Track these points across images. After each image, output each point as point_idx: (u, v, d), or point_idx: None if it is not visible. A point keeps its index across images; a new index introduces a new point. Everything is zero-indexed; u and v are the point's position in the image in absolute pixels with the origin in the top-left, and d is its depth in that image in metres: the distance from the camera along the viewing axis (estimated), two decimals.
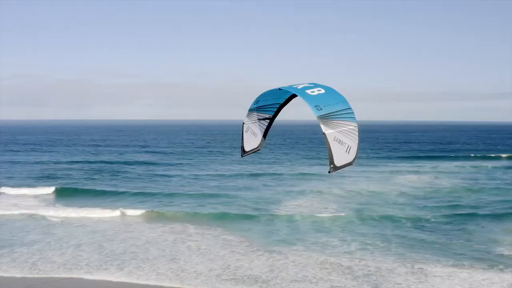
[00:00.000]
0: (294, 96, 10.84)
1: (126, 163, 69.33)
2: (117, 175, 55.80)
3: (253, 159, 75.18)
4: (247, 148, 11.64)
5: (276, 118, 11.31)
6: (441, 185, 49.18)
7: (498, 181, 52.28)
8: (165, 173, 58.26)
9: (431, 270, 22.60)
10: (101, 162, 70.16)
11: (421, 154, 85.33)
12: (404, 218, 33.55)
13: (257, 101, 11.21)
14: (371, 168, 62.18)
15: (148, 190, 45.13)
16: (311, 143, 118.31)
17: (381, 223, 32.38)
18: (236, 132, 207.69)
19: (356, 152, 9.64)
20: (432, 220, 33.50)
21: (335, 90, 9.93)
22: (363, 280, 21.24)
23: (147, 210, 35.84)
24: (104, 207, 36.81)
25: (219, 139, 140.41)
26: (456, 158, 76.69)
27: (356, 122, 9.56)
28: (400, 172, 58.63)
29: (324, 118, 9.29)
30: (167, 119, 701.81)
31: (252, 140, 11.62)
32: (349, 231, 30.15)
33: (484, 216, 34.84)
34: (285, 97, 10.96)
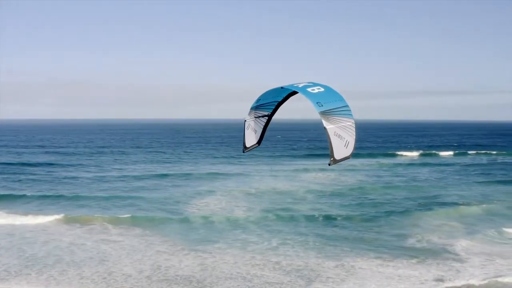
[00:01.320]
0: (292, 94, 11.48)
1: (26, 164, 65.78)
2: (19, 177, 53.09)
3: (157, 159, 74.90)
4: (248, 145, 12.20)
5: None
6: (347, 182, 50.96)
7: (400, 177, 54.98)
8: (70, 174, 56.07)
9: (356, 264, 23.36)
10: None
11: (324, 152, 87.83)
12: (316, 214, 34.43)
13: (258, 99, 11.69)
14: (277, 166, 63.30)
15: (55, 193, 43.04)
16: (219, 143, 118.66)
17: (294, 219, 33.03)
18: (137, 131, 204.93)
19: (354, 147, 10.46)
20: (343, 215, 34.58)
21: (333, 89, 10.68)
22: (295, 275, 21.67)
23: (61, 214, 34.09)
24: (15, 211, 34.93)
25: (119, 138, 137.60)
26: (360, 156, 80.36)
27: (353, 119, 10.37)
28: (306, 170, 59.95)
29: (325, 114, 10.02)
30: (66, 119, 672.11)
31: (252, 137, 12.19)
32: (264, 228, 30.58)
33: (391, 211, 36.44)
34: (283, 95, 11.53)
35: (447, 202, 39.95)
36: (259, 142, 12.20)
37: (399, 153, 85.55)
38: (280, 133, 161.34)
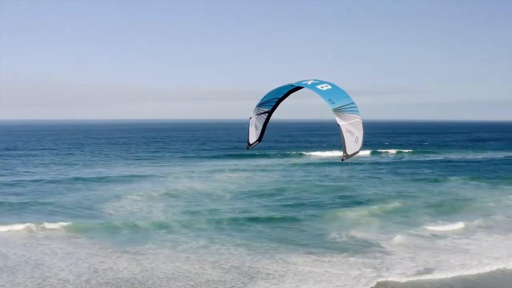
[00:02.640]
0: (292, 91, 12.06)
1: None
2: None
3: (66, 161, 72.58)
4: (251, 141, 12.58)
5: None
6: (262, 181, 52.22)
7: (314, 176, 57.06)
8: None
9: (290, 260, 24.14)
10: None
11: (236, 153, 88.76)
12: (236, 213, 35.34)
13: (263, 97, 12.16)
14: (189, 168, 63.42)
15: None
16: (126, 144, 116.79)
17: (216, 219, 33.52)
18: (43, 132, 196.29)
19: (362, 142, 11.29)
20: (263, 213, 35.66)
21: (338, 86, 11.40)
22: (236, 273, 22.17)
23: None
24: None
25: (22, 140, 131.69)
26: (267, 156, 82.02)
27: (360, 116, 11.20)
28: (220, 170, 60.57)
29: (338, 111, 10.77)
30: None
31: (254, 134, 12.59)
32: (188, 227, 30.85)
33: (309, 208, 37.95)
34: (284, 92, 12.07)
35: (363, 199, 41.80)
36: (259, 138, 12.74)
37: (307, 153, 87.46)
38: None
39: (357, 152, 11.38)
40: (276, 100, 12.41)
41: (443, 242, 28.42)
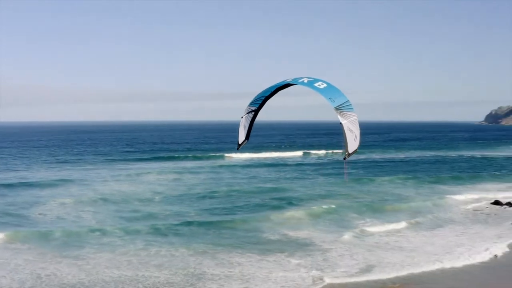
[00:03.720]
0: (280, 88, 12.41)
1: None
2: None
3: None
4: (240, 141, 12.82)
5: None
6: (190, 182, 52.77)
7: (242, 177, 58.19)
8: None
9: (233, 260, 24.76)
10: None
11: (162, 155, 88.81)
12: (168, 215, 35.81)
13: (255, 96, 12.44)
14: (115, 171, 62.95)
15: None
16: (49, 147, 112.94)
17: (149, 221, 33.85)
18: None
19: (360, 140, 11.85)
20: (196, 214, 36.26)
21: (332, 84, 11.86)
22: (183, 274, 22.52)
23: None
24: None
25: None
26: (193, 158, 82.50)
27: (355, 113, 11.69)
28: (147, 172, 60.49)
29: (339, 109, 11.21)
30: None
31: (242, 133, 12.84)
32: (122, 230, 30.74)
33: (242, 209, 38.84)
34: (272, 90, 12.36)
35: (294, 199, 42.80)
36: (247, 137, 13.08)
37: (230, 154, 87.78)
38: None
39: (356, 150, 11.98)
40: (263, 99, 12.73)
41: (378, 240, 29.59)
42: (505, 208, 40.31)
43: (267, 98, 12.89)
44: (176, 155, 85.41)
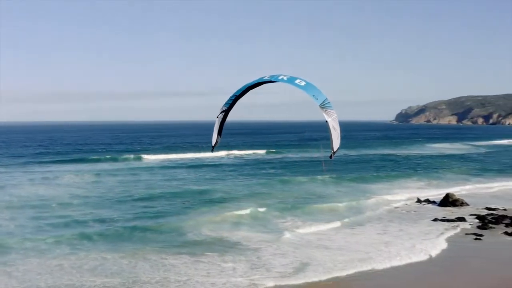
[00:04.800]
0: (250, 88, 12.58)
1: None
2: None
3: None
4: (213, 143, 12.94)
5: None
6: (109, 184, 52.36)
7: (161, 178, 58.40)
8: None
9: (166, 262, 25.03)
10: None
11: (78, 156, 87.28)
12: (89, 218, 35.45)
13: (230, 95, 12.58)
14: (30, 173, 61.36)
15: None
16: None
17: (69, 224, 33.45)
18: None
19: (341, 137, 12.23)
20: (117, 216, 36.04)
21: (309, 82, 12.16)
22: (119, 277, 22.51)
23: None
24: None
25: None
26: (110, 160, 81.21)
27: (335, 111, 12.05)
28: (64, 174, 59.27)
29: (322, 107, 11.54)
30: None
31: (215, 134, 12.98)
32: (45, 235, 30.32)
33: (163, 208, 39.35)
34: (243, 89, 12.49)
35: (217, 200, 43.43)
36: (218, 139, 13.23)
37: (147, 156, 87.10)
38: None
39: (339, 147, 12.47)
40: (234, 98, 13.00)
41: (307, 239, 30.34)
42: (424, 205, 42.47)
43: (238, 97, 13.14)
44: (92, 157, 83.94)
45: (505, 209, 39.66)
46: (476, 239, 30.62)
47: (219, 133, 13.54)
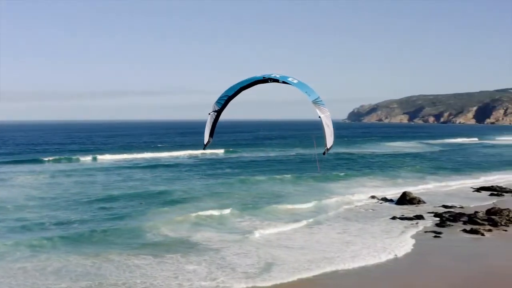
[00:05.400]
0: (243, 88, 12.63)
1: None
2: None
3: None
4: (205, 141, 12.93)
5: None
6: (64, 184, 51.92)
7: (116, 178, 58.18)
8: None
9: (130, 263, 25.19)
10: None
11: (31, 156, 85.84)
12: (49, 220, 35.04)
13: (223, 92, 12.58)
14: None
15: None
16: None
17: (27, 226, 33.28)
18: None
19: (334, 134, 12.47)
20: (74, 218, 35.82)
21: (300, 80, 12.37)
22: (85, 280, 22.56)
23: None
24: None
25: None
26: (62, 159, 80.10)
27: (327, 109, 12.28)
28: (18, 175, 58.56)
29: (315, 103, 11.74)
30: None
31: (207, 133, 12.97)
32: (2, 237, 30.15)
33: (121, 209, 39.42)
34: (236, 88, 12.44)
35: (176, 200, 43.46)
36: (211, 135, 13.25)
37: (101, 156, 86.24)
38: None
39: (332, 145, 12.76)
40: (226, 99, 13.02)
41: (268, 240, 30.69)
42: (381, 203, 43.41)
43: (231, 98, 13.20)
44: (46, 157, 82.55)
45: (462, 207, 40.82)
46: (435, 236, 31.57)
47: (211, 133, 13.63)
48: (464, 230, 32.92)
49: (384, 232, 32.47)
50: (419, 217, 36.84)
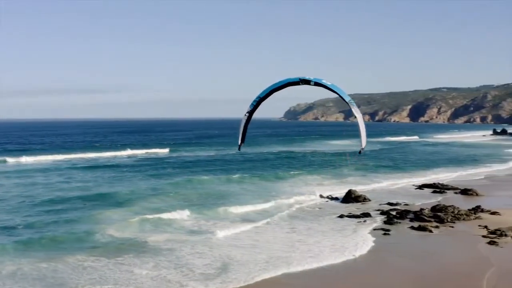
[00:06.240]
0: (274, 90, 12.90)
1: None
2: None
3: None
4: (239, 142, 13.14)
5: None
6: (2, 186, 51.13)
7: (58, 179, 57.54)
8: None
9: (86, 264, 25.31)
10: None
11: None
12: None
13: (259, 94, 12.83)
14: None
15: None
16: None
17: None
18: None
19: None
20: (19, 221, 35.23)
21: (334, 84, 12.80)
22: (42, 285, 22.59)
23: None
24: None
25: None
26: None
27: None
28: None
29: (350, 104, 12.17)
30: None
31: (240, 136, 13.18)
32: None
33: (68, 210, 39.20)
34: (267, 91, 12.73)
35: (121, 201, 43.26)
36: (242, 139, 13.49)
37: (44, 157, 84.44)
38: None
39: (365, 144, 13.28)
40: (258, 100, 13.40)
41: (217, 238, 31.15)
42: (327, 201, 44.38)
43: (262, 99, 13.60)
44: None
45: (407, 204, 42.21)
46: (384, 234, 32.54)
47: (244, 133, 14.10)
48: (412, 227, 34.07)
49: (333, 231, 33.13)
50: (366, 214, 37.85)
